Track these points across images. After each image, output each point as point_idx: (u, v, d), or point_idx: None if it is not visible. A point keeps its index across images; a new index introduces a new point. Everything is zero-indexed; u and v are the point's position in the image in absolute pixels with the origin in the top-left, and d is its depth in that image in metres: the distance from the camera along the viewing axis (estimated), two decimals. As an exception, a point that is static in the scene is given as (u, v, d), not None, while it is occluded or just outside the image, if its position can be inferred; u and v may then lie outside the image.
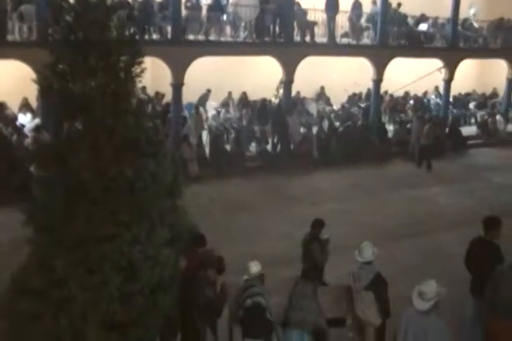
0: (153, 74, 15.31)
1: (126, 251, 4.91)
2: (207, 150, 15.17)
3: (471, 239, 6.91)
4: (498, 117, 20.54)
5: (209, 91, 17.18)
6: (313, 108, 19.11)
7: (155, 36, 14.74)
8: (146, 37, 14.16)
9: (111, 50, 5.19)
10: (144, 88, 13.29)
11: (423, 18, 19.47)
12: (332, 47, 17.07)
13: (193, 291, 5.75)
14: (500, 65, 21.70)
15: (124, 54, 5.31)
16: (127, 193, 5.06)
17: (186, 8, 15.36)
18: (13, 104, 15.00)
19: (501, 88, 22.34)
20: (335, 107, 19.64)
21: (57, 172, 5.13)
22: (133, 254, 4.95)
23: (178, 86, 14.63)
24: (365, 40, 18.67)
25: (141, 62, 5.43)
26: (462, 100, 22.75)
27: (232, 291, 6.02)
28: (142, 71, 5.44)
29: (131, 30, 6.39)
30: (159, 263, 5.15)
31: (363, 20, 18.44)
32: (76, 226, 4.87)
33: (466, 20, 20.92)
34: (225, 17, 16.21)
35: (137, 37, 6.45)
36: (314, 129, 16.81)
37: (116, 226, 4.92)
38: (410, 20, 19.34)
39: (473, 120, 21.59)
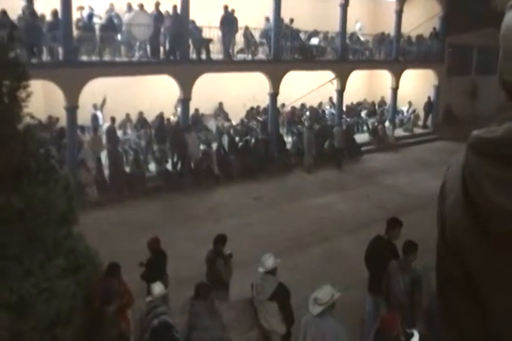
0: (46, 98, 14.79)
1: (17, 287, 4.69)
2: (106, 173, 14.78)
3: (369, 240, 7.36)
4: (386, 124, 21.97)
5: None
6: (212, 124, 19.20)
7: (45, 58, 14.22)
8: (36, 59, 13.63)
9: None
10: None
11: (314, 33, 20.35)
12: (228, 64, 17.39)
13: (102, 327, 5.56)
14: (386, 75, 23.18)
15: (7, 77, 5.12)
16: (17, 224, 4.87)
17: (78, 28, 14.90)
18: None
19: (388, 97, 23.82)
20: (234, 122, 19.91)
21: None
22: (24, 289, 4.74)
23: (71, 109, 14.15)
24: (260, 55, 19.18)
25: (26, 86, 5.27)
26: (354, 109, 23.93)
27: (135, 316, 5.94)
28: (28, 95, 5.28)
29: (16, 51, 6.15)
30: (56, 295, 4.98)
31: (257, 36, 18.92)
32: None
33: (353, 34, 22.18)
34: (119, 37, 15.98)
35: (22, 59, 6.16)
36: (214, 145, 16.92)
37: (6, 261, 4.71)
38: (302, 35, 20.09)
39: (365, 127, 22.80)
